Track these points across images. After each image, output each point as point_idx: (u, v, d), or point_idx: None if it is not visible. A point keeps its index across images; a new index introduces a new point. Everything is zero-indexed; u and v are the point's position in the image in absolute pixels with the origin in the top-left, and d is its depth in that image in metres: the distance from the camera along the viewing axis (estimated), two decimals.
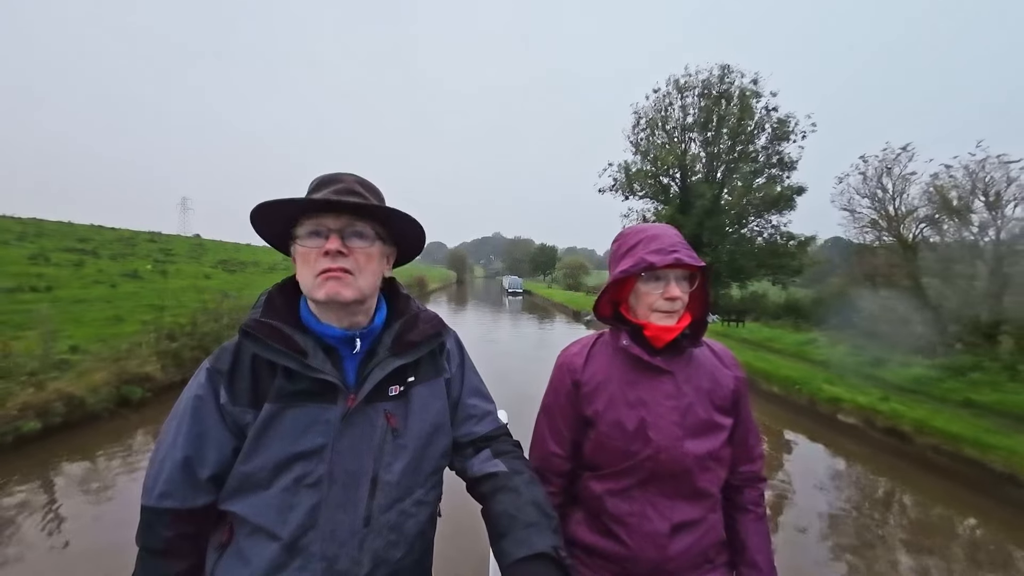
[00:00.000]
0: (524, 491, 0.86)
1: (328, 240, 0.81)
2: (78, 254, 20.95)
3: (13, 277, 13.43)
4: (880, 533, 3.78)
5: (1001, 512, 4.10)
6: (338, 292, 0.81)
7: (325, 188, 0.84)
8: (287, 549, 0.76)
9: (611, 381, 1.08)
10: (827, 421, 6.33)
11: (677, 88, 20.26)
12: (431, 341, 0.94)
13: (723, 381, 1.08)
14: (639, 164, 21.10)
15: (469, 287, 62.80)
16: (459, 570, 2.69)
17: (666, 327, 1.03)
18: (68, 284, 14.19)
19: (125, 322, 9.91)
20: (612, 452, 1.05)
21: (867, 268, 9.66)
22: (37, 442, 4.95)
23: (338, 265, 0.80)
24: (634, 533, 1.02)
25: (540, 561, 0.73)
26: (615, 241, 1.13)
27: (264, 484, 0.78)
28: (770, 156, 19.48)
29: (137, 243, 28.92)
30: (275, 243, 0.91)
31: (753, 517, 1.10)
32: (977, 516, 4.08)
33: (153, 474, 0.80)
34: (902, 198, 9.37)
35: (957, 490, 4.49)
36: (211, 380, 0.82)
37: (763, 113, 19.06)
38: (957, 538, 3.84)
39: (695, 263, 1.00)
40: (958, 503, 4.27)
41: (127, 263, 21.22)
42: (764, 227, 19.63)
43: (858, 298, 10.48)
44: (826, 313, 12.64)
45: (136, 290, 15.17)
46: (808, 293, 16.11)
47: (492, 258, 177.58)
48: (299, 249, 0.83)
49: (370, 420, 0.83)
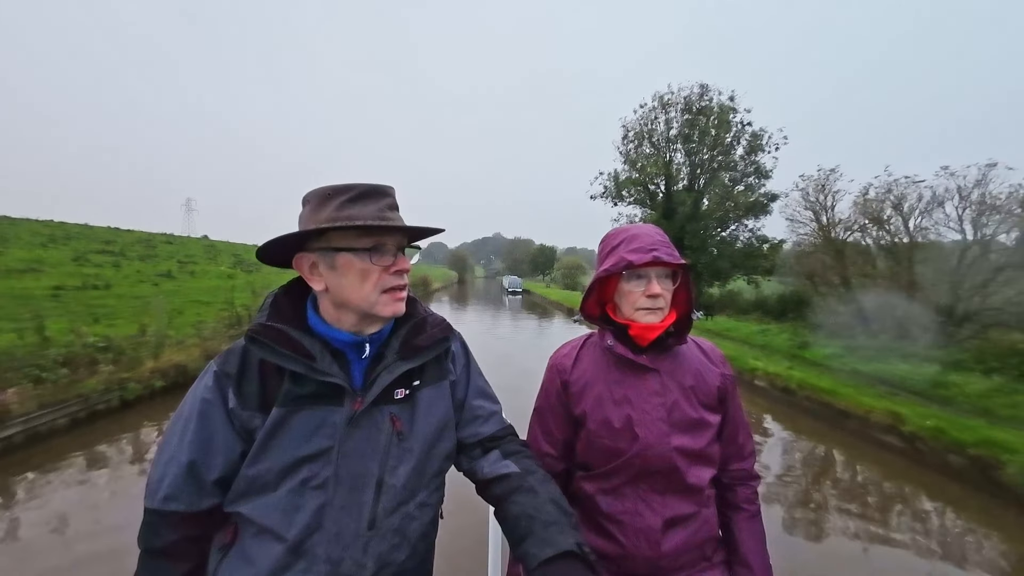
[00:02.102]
0: (541, 490, 0.87)
1: (397, 260, 0.84)
2: (109, 256, 22.88)
3: (70, 276, 15.35)
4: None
5: (837, 434, 6.01)
6: (402, 309, 0.87)
7: (372, 202, 0.83)
8: (292, 551, 0.77)
9: (598, 380, 1.09)
10: (745, 384, 8.19)
11: (661, 104, 22.16)
12: (438, 345, 0.94)
13: (709, 378, 1.09)
14: (627, 173, 22.99)
15: (470, 287, 64.93)
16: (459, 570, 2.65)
17: (650, 326, 1.04)
18: (119, 283, 16.07)
19: (184, 314, 11.83)
20: (601, 450, 1.07)
21: (805, 269, 11.55)
22: (160, 396, 6.82)
23: (404, 283, 0.85)
24: (628, 530, 1.03)
25: (567, 559, 0.72)
26: (600, 242, 1.15)
27: (271, 486, 0.78)
28: (747, 166, 21.41)
29: (155, 245, 30.87)
30: (272, 255, 0.87)
31: (746, 516, 1.11)
32: (818, 438, 5.98)
33: (157, 476, 0.79)
34: (833, 210, 11.26)
35: (815, 422, 6.42)
36: (219, 383, 0.82)
37: (739, 127, 21.01)
38: (795, 446, 5.75)
39: (674, 261, 1.01)
40: (811, 431, 6.19)
41: (156, 264, 23.15)
42: (742, 231, 21.55)
43: (802, 294, 12.44)
44: (782, 307, 14.63)
45: (176, 288, 17.08)
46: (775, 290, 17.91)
47: (492, 258, 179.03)
48: (355, 264, 0.82)
49: (376, 423, 0.84)
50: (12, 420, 4.91)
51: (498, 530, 1.34)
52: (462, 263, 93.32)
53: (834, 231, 11.15)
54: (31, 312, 7.23)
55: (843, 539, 3.67)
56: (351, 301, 0.83)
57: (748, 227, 21.56)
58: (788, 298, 14.87)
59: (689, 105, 21.45)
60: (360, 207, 0.81)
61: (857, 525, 3.87)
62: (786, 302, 14.92)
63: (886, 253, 10.66)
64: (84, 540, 3.37)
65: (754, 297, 18.88)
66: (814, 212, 11.47)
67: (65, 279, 14.69)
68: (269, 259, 0.87)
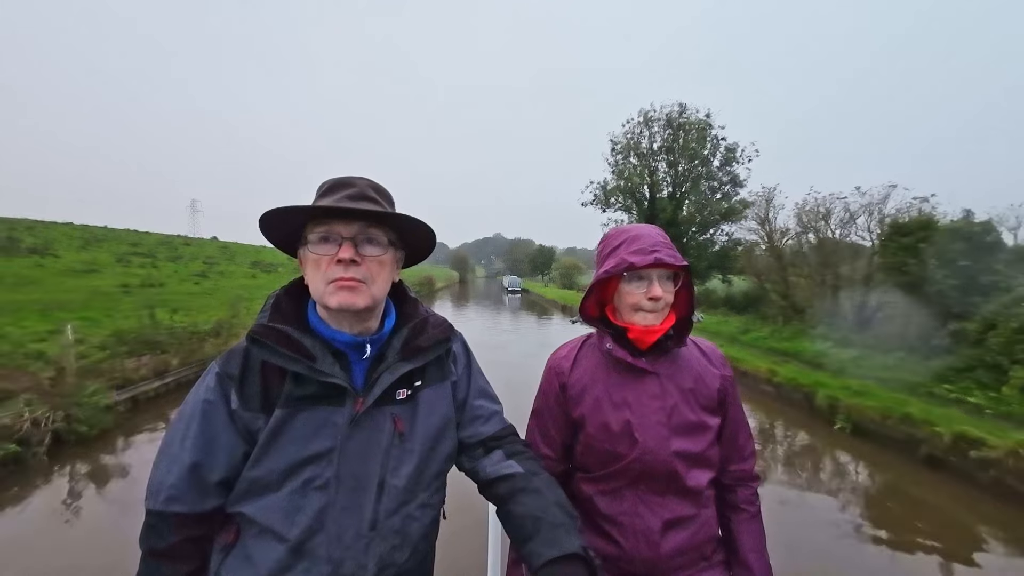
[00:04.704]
0: (547, 492, 0.87)
1: (341, 248, 0.81)
2: (142, 257, 25.17)
3: (124, 276, 17.62)
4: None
5: (776, 402, 8.31)
6: (352, 302, 0.81)
7: (337, 192, 0.84)
8: (293, 551, 0.77)
9: (597, 383, 1.09)
10: None
11: (645, 120, 24.56)
12: (440, 346, 0.95)
13: (709, 380, 1.08)
14: (615, 182, 25.36)
15: (471, 286, 68.26)
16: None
17: (650, 329, 1.03)
18: (166, 282, 18.35)
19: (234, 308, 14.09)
20: (600, 454, 1.07)
21: (753, 269, 13.88)
22: None
23: (349, 275, 0.81)
24: (627, 532, 1.04)
25: (572, 561, 0.73)
26: (600, 243, 1.14)
27: (273, 487, 0.79)
28: (723, 176, 23.81)
29: (176, 247, 33.16)
30: (282, 246, 0.90)
31: (746, 516, 1.11)
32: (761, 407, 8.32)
33: (159, 477, 0.80)
34: (775, 221, 13.61)
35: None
36: (221, 384, 0.82)
37: (714, 141, 23.39)
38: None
39: (677, 262, 1.00)
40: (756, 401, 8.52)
41: (186, 265, 25.43)
42: (718, 235, 23.93)
43: (757, 290, 14.80)
44: (745, 302, 17.02)
45: (214, 286, 19.36)
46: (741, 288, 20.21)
47: (493, 258, 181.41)
48: (309, 255, 0.83)
49: (378, 424, 0.84)
50: (168, 372, 7.25)
51: (498, 530, 1.41)
52: (463, 263, 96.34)
53: (775, 238, 13.48)
54: (137, 304, 9.54)
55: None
56: (313, 294, 0.85)
57: (724, 231, 24.00)
58: (749, 294, 17.22)
59: (670, 121, 23.81)
60: (325, 199, 0.83)
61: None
62: (748, 298, 17.29)
63: (816, 256, 13.00)
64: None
65: (724, 294, 21.20)
66: (759, 222, 13.80)
67: (121, 278, 16.92)
68: (269, 234, 0.88)
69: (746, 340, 11.34)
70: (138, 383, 6.56)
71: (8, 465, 4.29)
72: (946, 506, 4.17)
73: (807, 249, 12.71)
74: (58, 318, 9.44)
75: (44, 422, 4.73)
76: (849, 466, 5.22)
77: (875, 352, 8.30)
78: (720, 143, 23.28)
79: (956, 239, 7.59)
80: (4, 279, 13.10)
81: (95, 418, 5.21)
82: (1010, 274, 7.14)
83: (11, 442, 4.36)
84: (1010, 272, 7.17)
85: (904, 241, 8.27)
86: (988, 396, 5.74)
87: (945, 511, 4.10)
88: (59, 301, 11.26)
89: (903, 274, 8.17)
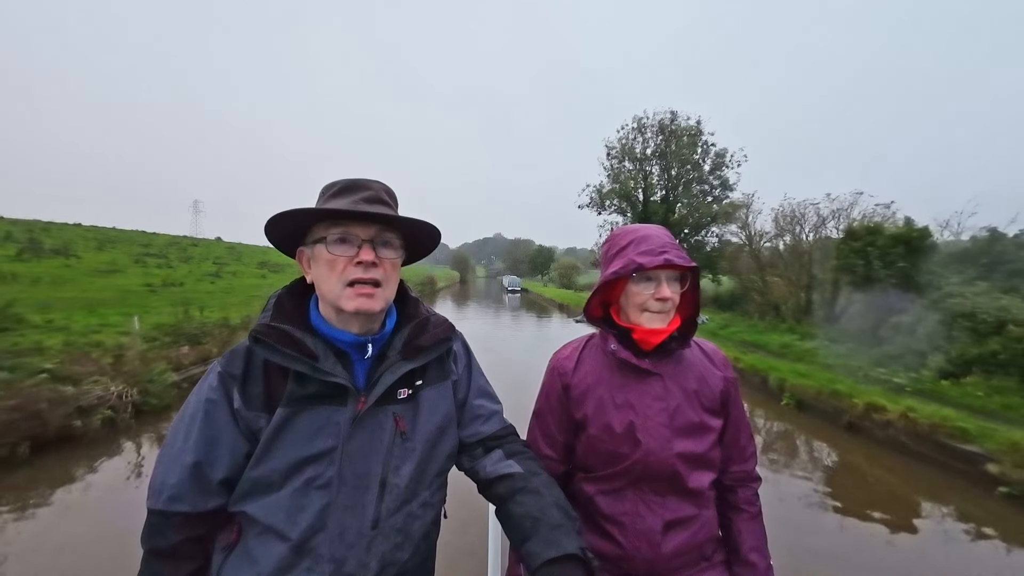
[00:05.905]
0: (546, 493, 0.88)
1: (361, 250, 0.82)
2: (155, 258, 26.24)
3: (145, 276, 18.68)
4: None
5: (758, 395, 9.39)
6: (370, 307, 0.83)
7: (352, 194, 0.85)
8: (296, 550, 0.78)
9: (600, 384, 1.09)
10: None
11: (639, 126, 25.63)
12: (441, 345, 0.96)
13: (712, 382, 1.09)
14: (610, 186, 26.41)
15: (471, 286, 69.02)
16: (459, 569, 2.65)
17: (654, 330, 1.04)
18: (184, 281, 19.41)
19: (253, 306, 15.14)
20: (602, 454, 1.07)
21: (734, 268, 14.97)
22: None
23: (370, 276, 0.82)
24: (628, 532, 1.04)
25: (570, 562, 0.74)
26: (606, 242, 1.14)
27: (276, 486, 0.79)
28: (714, 179, 24.90)
29: (185, 247, 34.21)
30: (280, 244, 0.91)
31: (747, 516, 1.11)
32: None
33: (161, 477, 0.80)
34: (753, 225, 14.71)
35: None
36: (224, 384, 0.83)
37: (704, 146, 24.47)
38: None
39: (685, 264, 1.01)
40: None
41: (198, 265, 26.47)
42: (710, 236, 24.99)
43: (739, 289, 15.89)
44: (731, 300, 18.12)
45: (229, 285, 20.41)
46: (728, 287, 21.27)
47: (493, 258, 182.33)
48: (324, 255, 0.83)
49: (379, 423, 0.85)
50: (211, 359, 8.32)
51: (498, 530, 1.44)
52: (464, 263, 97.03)
53: (754, 241, 14.57)
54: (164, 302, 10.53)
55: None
56: (324, 294, 0.85)
57: (715, 233, 25.01)
58: (735, 293, 18.31)
59: (663, 127, 24.85)
60: (339, 200, 0.84)
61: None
62: (733, 297, 18.37)
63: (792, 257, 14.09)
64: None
65: (713, 293, 22.28)
66: (739, 225, 14.89)
67: (143, 278, 17.96)
68: (274, 231, 0.87)
69: (724, 334, 12.40)
70: (188, 367, 7.63)
71: (105, 427, 5.40)
72: (855, 460, 5.22)
73: (783, 251, 13.79)
74: (102, 314, 10.54)
75: (124, 395, 5.83)
76: (790, 433, 6.29)
77: (832, 343, 9.38)
78: (711, 148, 24.39)
79: (898, 243, 8.66)
80: (42, 279, 14.19)
81: (164, 393, 6.30)
82: (942, 274, 8.22)
83: (106, 409, 5.46)
84: (942, 272, 8.25)
85: (854, 245, 9.31)
86: (910, 377, 6.82)
87: (853, 463, 5.15)
88: (97, 299, 12.34)
89: (854, 274, 9.23)
